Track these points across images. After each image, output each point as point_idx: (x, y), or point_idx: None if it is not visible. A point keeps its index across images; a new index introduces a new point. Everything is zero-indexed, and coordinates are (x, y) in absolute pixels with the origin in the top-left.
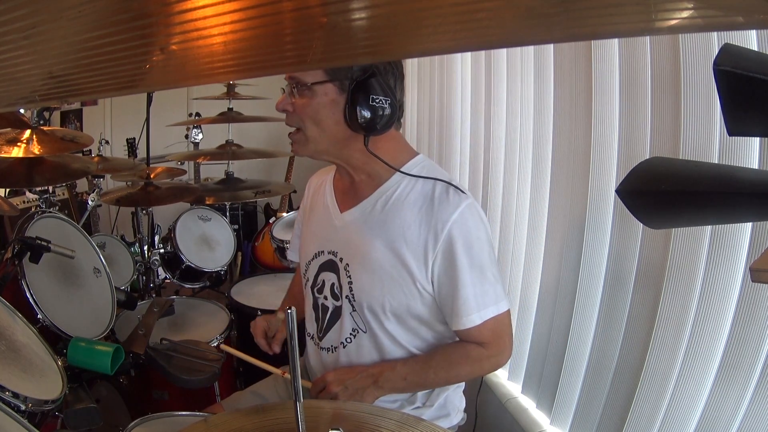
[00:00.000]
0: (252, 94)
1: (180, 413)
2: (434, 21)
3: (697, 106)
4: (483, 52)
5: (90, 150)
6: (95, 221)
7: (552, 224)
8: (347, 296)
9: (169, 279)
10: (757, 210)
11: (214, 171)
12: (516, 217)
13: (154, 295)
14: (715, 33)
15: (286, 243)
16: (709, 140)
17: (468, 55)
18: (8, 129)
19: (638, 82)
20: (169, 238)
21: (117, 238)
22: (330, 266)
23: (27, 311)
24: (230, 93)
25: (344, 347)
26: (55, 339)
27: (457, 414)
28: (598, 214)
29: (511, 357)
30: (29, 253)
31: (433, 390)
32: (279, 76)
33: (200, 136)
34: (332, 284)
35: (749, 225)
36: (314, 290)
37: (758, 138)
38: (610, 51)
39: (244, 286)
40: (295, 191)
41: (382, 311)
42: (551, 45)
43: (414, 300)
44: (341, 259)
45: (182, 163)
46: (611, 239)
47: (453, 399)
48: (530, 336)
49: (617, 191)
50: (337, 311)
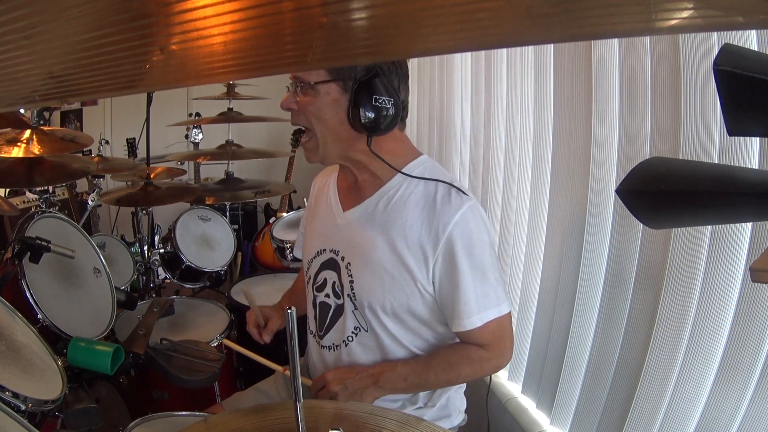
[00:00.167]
0: (252, 94)
1: (180, 413)
2: (434, 21)
3: (697, 106)
4: (483, 52)
5: (90, 150)
6: (95, 221)
7: (552, 224)
8: (348, 294)
9: (169, 279)
10: (757, 210)
11: (214, 171)
12: (516, 217)
13: (154, 295)
14: (715, 33)
15: (287, 243)
16: (709, 140)
17: (468, 55)
18: (8, 129)
19: (638, 82)
20: (169, 238)
21: (117, 238)
22: (331, 264)
23: (27, 311)
24: (230, 93)
25: (346, 345)
26: (55, 339)
27: (458, 415)
28: (598, 214)
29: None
30: (29, 253)
31: (435, 390)
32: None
33: (200, 136)
34: (333, 282)
35: (749, 225)
36: (315, 288)
37: (758, 138)
38: (610, 51)
39: (245, 286)
40: (295, 191)
41: (383, 310)
42: (551, 45)
43: (415, 300)
44: (342, 258)
45: (182, 163)
46: (611, 239)
47: (454, 400)
48: (530, 336)
49: (617, 191)
50: (339, 309)
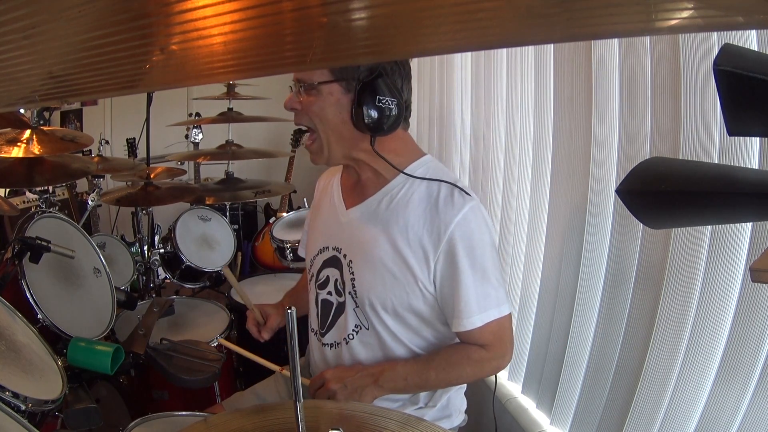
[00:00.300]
0: (252, 94)
1: (180, 413)
2: (434, 21)
3: (697, 106)
4: (483, 52)
5: (90, 150)
6: (95, 221)
7: (552, 224)
8: (350, 292)
9: (169, 279)
10: (757, 210)
11: (214, 171)
12: (516, 217)
13: (154, 295)
14: (715, 33)
15: (286, 243)
16: (709, 140)
17: (468, 55)
18: (8, 129)
19: (638, 82)
20: (169, 238)
21: (117, 238)
22: (334, 262)
23: (27, 311)
24: (230, 93)
25: (347, 343)
26: (55, 339)
27: (459, 415)
28: (598, 214)
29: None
30: (29, 253)
31: (436, 390)
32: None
33: (200, 136)
34: (335, 280)
35: (749, 225)
36: (318, 285)
37: (758, 138)
38: (610, 51)
39: (244, 286)
40: (295, 191)
41: (384, 308)
42: (551, 45)
43: (416, 298)
44: (345, 255)
45: (182, 163)
46: (611, 239)
47: (455, 400)
48: (530, 336)
49: (617, 191)
50: (341, 307)
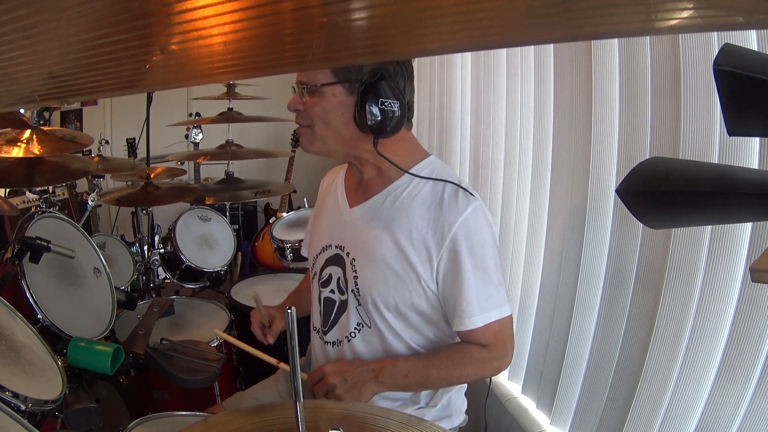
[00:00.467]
0: (252, 94)
1: (180, 413)
2: (434, 21)
3: (697, 106)
4: (483, 52)
5: (90, 150)
6: (95, 221)
7: (552, 224)
8: (352, 290)
9: (169, 279)
10: (757, 210)
11: (214, 171)
12: (516, 217)
13: (154, 295)
14: (715, 33)
15: (286, 243)
16: (709, 140)
17: (468, 55)
18: (8, 129)
19: (638, 82)
20: (169, 238)
21: (117, 238)
22: (336, 260)
23: (27, 311)
24: (230, 93)
25: (348, 341)
26: (55, 339)
27: (459, 415)
28: (598, 214)
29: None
30: (29, 253)
31: (437, 390)
32: (279, 76)
33: (200, 136)
34: (338, 278)
35: (749, 225)
36: (321, 284)
37: (758, 138)
38: (610, 51)
39: (244, 286)
40: (295, 191)
41: (386, 306)
42: (551, 45)
43: (419, 297)
44: (348, 254)
45: (182, 163)
46: (611, 239)
47: (455, 400)
48: (530, 336)
49: (617, 191)
50: (343, 305)
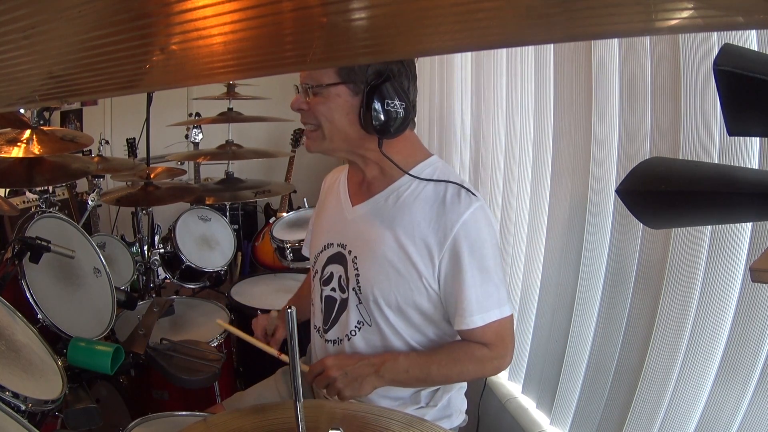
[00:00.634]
0: (252, 94)
1: (180, 413)
2: (434, 21)
3: (697, 106)
4: (483, 52)
5: (90, 150)
6: (95, 221)
7: (552, 224)
8: (354, 288)
9: (169, 279)
10: (757, 210)
11: (214, 171)
12: (516, 217)
13: (154, 295)
14: (715, 33)
15: (286, 243)
16: (709, 140)
17: (468, 55)
18: (8, 129)
19: (638, 82)
20: (169, 238)
21: (117, 238)
22: (338, 258)
23: (27, 311)
24: (230, 93)
25: (349, 339)
26: (55, 339)
27: (459, 415)
28: (598, 214)
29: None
30: (29, 253)
31: (437, 390)
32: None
33: (200, 136)
34: (340, 276)
35: (749, 225)
36: (322, 282)
37: (758, 138)
38: (610, 51)
39: (244, 286)
40: (295, 191)
41: (387, 304)
42: (551, 45)
43: (420, 296)
44: (350, 252)
45: (182, 163)
46: (611, 239)
47: (455, 400)
48: (530, 336)
49: (617, 191)
50: (344, 303)
